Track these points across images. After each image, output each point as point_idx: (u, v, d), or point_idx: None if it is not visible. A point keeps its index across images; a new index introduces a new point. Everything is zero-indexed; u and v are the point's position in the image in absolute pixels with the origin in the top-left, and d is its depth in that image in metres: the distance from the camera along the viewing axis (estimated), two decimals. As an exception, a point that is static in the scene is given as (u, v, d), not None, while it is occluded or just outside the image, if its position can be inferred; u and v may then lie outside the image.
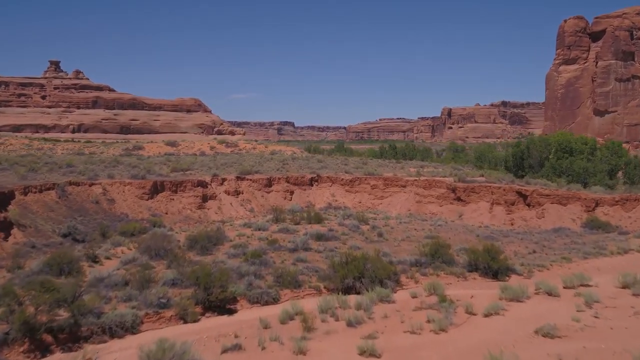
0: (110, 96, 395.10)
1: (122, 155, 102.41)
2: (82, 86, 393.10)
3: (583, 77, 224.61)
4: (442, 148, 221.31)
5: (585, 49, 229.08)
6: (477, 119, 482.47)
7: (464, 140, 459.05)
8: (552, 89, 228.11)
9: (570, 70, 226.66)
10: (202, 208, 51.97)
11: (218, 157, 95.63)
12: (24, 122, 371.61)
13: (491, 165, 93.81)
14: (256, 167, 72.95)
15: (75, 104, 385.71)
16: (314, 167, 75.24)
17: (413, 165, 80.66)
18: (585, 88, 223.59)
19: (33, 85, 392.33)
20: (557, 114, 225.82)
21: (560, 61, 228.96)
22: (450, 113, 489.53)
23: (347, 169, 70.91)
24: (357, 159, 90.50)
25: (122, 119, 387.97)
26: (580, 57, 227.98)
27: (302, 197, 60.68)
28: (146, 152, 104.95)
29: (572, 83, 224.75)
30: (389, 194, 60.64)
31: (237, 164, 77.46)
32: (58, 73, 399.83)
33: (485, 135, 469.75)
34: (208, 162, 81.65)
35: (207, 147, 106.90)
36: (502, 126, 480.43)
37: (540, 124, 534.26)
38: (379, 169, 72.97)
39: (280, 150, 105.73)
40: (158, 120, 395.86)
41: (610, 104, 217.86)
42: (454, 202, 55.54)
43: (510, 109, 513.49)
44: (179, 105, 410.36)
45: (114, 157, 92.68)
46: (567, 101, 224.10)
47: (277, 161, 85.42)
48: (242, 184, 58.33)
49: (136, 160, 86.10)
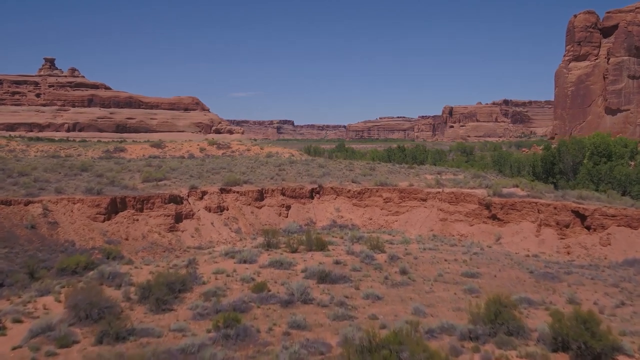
0: (106, 94, 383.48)
1: (100, 158, 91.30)
2: (77, 84, 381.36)
3: (594, 74, 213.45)
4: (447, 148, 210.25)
5: (596, 44, 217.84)
6: (479, 117, 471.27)
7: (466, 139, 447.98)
8: (561, 87, 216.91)
9: (581, 67, 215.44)
10: (174, 230, 40.80)
11: (207, 161, 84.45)
12: (18, 120, 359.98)
13: (513, 171, 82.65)
14: (248, 173, 61.78)
15: (70, 103, 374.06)
16: (315, 173, 64.08)
17: (428, 171, 69.54)
18: (597, 85, 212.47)
19: (27, 83, 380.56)
20: (566, 112, 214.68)
21: (570, 57, 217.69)
22: (451, 111, 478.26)
23: (354, 177, 59.75)
24: (363, 164, 79.32)
25: (118, 117, 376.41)
26: (591, 53, 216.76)
27: (300, 213, 49.54)
28: (128, 154, 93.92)
29: (583, 80, 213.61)
30: (406, 209, 49.49)
31: (226, 170, 66.28)
32: (53, 71, 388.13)
33: (487, 134, 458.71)
34: (193, 168, 70.47)
35: (196, 149, 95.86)
36: (505, 125, 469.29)
37: (543, 123, 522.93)
38: (391, 177, 61.78)
39: (276, 152, 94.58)
40: (155, 119, 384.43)
41: (623, 102, 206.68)
42: (488, 221, 44.41)
43: (512, 108, 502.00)
44: (176, 103, 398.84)
45: (88, 162, 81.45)
46: (577, 99, 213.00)
47: (272, 166, 74.22)
48: (227, 197, 47.15)
49: (114, 165, 74.95)
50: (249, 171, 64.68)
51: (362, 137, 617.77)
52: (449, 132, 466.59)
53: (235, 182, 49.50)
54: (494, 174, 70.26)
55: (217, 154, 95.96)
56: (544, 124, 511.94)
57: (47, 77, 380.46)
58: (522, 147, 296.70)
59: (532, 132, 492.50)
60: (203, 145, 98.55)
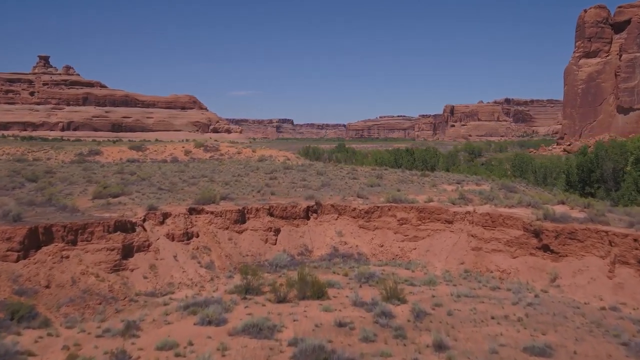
0: (102, 92, 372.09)
1: (72, 163, 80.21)
2: (72, 82, 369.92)
3: (605, 72, 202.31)
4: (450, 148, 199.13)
5: (608, 40, 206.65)
6: (481, 116, 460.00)
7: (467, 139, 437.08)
8: (571, 85, 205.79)
9: (592, 64, 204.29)
10: (120, 269, 29.81)
11: (190, 166, 73.49)
12: (11, 119, 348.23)
13: (538, 178, 71.72)
14: (231, 185, 50.78)
15: (64, 101, 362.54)
16: (312, 183, 53.11)
17: (446, 180, 58.56)
18: (608, 83, 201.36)
19: (21, 82, 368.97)
20: (576, 111, 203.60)
21: (580, 54, 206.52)
22: (453, 110, 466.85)
23: (359, 189, 48.73)
24: (368, 170, 68.32)
25: (113, 116, 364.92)
26: (602, 49, 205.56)
27: (293, 239, 38.54)
28: (104, 157, 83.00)
29: (594, 78, 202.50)
30: (427, 234, 38.51)
31: (207, 179, 55.29)
32: (47, 69, 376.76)
33: (488, 133, 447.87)
34: (170, 176, 59.47)
35: (180, 152, 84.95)
36: (506, 124, 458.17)
37: (545, 122, 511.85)
38: (402, 188, 50.80)
39: (270, 155, 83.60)
40: (151, 118, 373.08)
41: (636, 100, 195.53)
42: (537, 252, 33.47)
43: (514, 107, 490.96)
44: (173, 102, 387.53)
45: (54, 167, 70.48)
46: (588, 97, 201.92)
47: (263, 173, 63.22)
48: (198, 220, 36.14)
49: (81, 171, 64.04)
50: (233, 181, 53.65)
51: (362, 136, 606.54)
52: (450, 132, 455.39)
53: (211, 199, 38.46)
54: (522, 183, 59.27)
55: (204, 157, 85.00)
56: (546, 123, 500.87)
57: (41, 75, 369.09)
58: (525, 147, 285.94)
59: (534, 132, 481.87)
60: (189, 148, 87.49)
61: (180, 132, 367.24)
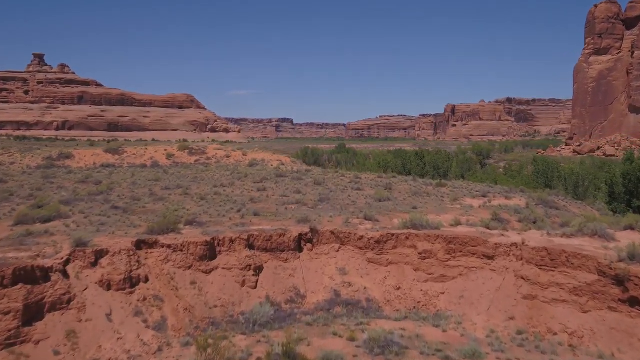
0: (98, 91, 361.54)
1: (38, 167, 70.18)
2: (67, 81, 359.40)
3: (617, 69, 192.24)
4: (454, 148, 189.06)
5: (619, 37, 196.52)
6: (482, 116, 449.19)
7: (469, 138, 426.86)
8: (581, 83, 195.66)
9: (602, 62, 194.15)
10: (17, 343, 19.91)
11: (170, 173, 63.48)
12: (5, 119, 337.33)
13: (568, 187, 61.66)
14: (207, 201, 40.80)
15: (59, 100, 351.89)
16: (308, 197, 43.16)
17: (468, 192, 48.54)
18: (619, 81, 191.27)
19: (15, 80, 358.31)
20: (586, 110, 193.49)
21: (591, 51, 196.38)
22: (454, 110, 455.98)
23: (365, 206, 38.79)
24: (373, 177, 58.32)
25: (109, 115, 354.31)
26: (613, 46, 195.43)
27: (280, 279, 28.56)
28: (75, 161, 73.00)
29: (605, 76, 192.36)
30: (459, 272, 28.54)
31: (181, 191, 45.31)
32: (42, 67, 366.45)
33: (490, 132, 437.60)
34: (139, 186, 49.49)
35: (162, 156, 74.96)
36: (508, 124, 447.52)
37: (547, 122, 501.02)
38: (419, 204, 40.86)
39: (262, 159, 73.56)
40: (148, 117, 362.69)
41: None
42: (620, 307, 23.57)
43: (516, 106, 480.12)
44: (170, 101, 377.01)
45: (11, 174, 60.70)
46: (598, 96, 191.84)
47: (250, 182, 53.20)
48: (148, 258, 26.15)
49: (38, 180, 54.18)
50: (212, 194, 43.63)
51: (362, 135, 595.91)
52: (451, 131, 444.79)
53: (171, 226, 28.44)
54: (559, 195, 49.22)
55: (189, 161, 74.95)
56: (548, 122, 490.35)
57: (35, 74, 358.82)
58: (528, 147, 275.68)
59: (535, 131, 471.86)
60: (171, 151, 77.37)
61: (178, 131, 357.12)
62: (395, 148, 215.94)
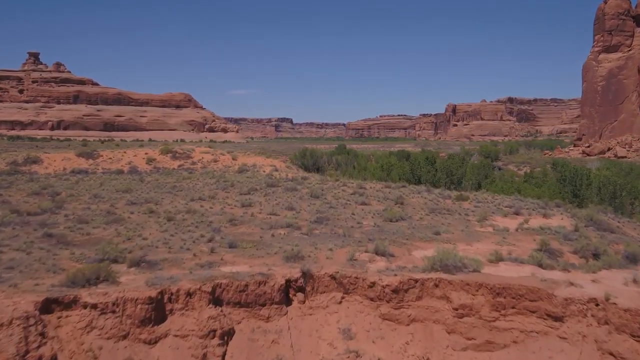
0: (93, 90, 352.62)
1: (0, 174, 61.49)
2: (62, 79, 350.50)
3: (627, 67, 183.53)
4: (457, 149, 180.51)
5: (629, 34, 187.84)
6: (483, 115, 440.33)
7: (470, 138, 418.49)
8: (590, 81, 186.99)
9: (612, 60, 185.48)
10: None
11: (146, 181, 54.85)
12: None
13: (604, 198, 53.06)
14: (177, 221, 32.13)
15: (55, 99, 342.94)
16: (302, 217, 34.56)
17: (494, 206, 39.92)
18: (630, 80, 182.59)
19: (10, 79, 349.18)
20: (596, 110, 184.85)
21: (600, 49, 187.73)
22: (455, 109, 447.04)
23: (375, 230, 30.27)
24: (380, 188, 49.72)
25: (105, 115, 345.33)
26: (624, 43, 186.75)
27: (258, 348, 20.03)
28: (44, 166, 64.39)
29: (615, 74, 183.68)
30: (512, 338, 20.03)
31: (149, 207, 36.65)
32: (37, 66, 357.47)
33: (492, 132, 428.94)
34: (102, 199, 40.83)
35: (141, 160, 66.35)
36: (510, 123, 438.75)
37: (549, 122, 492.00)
38: (442, 227, 32.30)
39: (254, 164, 64.96)
40: (145, 117, 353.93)
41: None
42: None
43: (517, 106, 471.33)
44: (167, 100, 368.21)
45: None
46: (608, 95, 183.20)
47: (237, 193, 44.57)
48: (61, 327, 17.57)
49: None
50: (182, 214, 34.97)
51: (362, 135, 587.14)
52: (452, 131, 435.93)
53: (105, 273, 19.82)
54: (607, 211, 40.54)
55: (172, 166, 66.31)
56: (549, 122, 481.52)
57: (30, 72, 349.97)
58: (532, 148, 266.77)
59: (537, 131, 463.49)
60: (153, 155, 68.63)
61: (175, 131, 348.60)
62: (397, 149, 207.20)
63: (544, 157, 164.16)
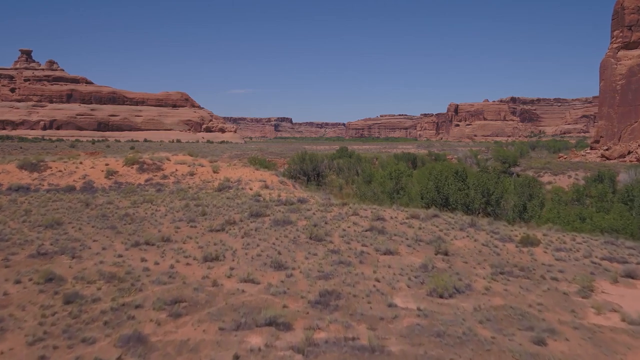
0: (87, 89, 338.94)
1: None
2: (55, 78, 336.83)
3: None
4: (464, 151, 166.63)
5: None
6: (486, 115, 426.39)
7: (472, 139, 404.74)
8: (608, 80, 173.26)
9: (633, 57, 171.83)
10: None
11: (91, 206, 40.93)
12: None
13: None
14: (78, 304, 18.11)
15: (47, 98, 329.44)
16: (298, 287, 20.64)
17: (581, 257, 26.40)
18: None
19: (1, 77, 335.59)
20: (615, 110, 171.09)
21: (619, 45, 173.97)
22: (457, 109, 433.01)
23: (425, 332, 16.57)
24: (404, 219, 35.97)
25: (99, 114, 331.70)
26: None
27: None
28: (-25, 183, 50.77)
29: (636, 72, 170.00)
30: None
31: (46, 270, 22.64)
32: (30, 63, 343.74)
33: (495, 133, 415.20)
34: (5, 242, 26.83)
35: (99, 173, 52.61)
36: (513, 123, 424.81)
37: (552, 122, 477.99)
38: (533, 311, 18.44)
39: (239, 179, 51.25)
40: (140, 116, 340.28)
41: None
42: None
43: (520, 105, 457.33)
44: (163, 99, 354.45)
45: None
46: (628, 94, 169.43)
47: (207, 229, 30.66)
48: None
49: None
50: (95, 286, 20.97)
51: (362, 135, 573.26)
52: (454, 131, 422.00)
53: None
54: None
55: (137, 181, 52.50)
56: (553, 122, 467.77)
57: (23, 70, 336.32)
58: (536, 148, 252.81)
59: (540, 131, 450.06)
60: (115, 166, 54.79)
61: (171, 131, 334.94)
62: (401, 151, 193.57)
63: (562, 161, 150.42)
